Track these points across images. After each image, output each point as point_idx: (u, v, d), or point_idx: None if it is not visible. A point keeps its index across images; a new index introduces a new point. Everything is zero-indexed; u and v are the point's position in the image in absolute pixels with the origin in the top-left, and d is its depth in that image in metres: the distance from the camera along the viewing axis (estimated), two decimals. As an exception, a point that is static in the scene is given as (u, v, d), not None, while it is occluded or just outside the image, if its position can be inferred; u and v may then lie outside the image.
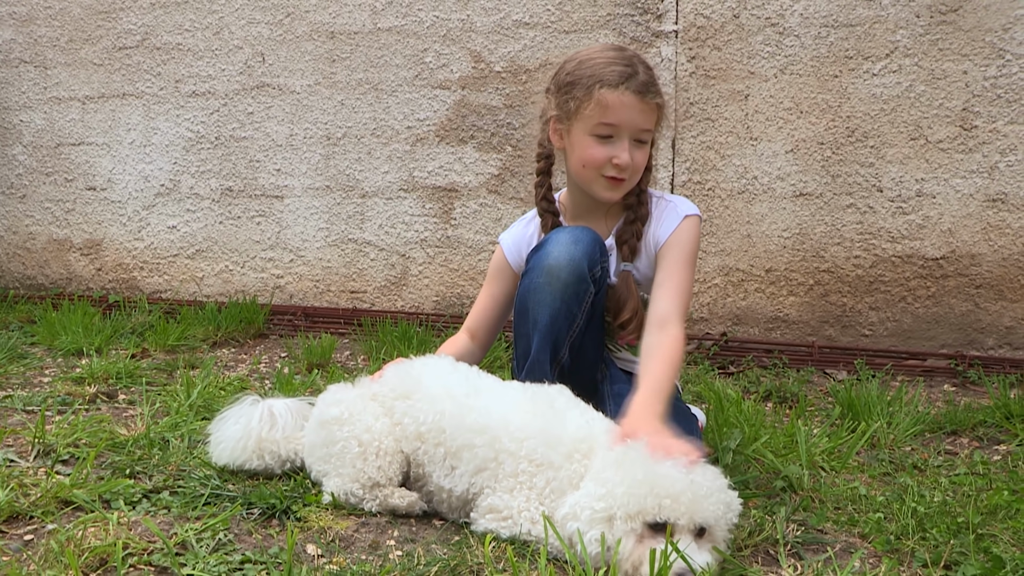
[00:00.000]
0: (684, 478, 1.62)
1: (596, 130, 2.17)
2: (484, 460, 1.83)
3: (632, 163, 2.18)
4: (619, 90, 2.15)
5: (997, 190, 3.56)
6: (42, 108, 4.85)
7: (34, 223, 4.95)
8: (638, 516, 1.60)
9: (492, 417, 1.87)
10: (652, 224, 2.27)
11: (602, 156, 2.18)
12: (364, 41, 4.27)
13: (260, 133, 4.49)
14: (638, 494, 1.61)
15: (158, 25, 4.59)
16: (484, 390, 1.98)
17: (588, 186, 2.25)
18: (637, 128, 2.18)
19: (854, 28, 3.65)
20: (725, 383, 3.28)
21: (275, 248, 4.53)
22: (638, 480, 1.62)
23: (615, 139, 2.17)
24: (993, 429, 2.77)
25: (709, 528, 1.62)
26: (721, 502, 1.63)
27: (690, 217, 2.25)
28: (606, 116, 2.16)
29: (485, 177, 4.17)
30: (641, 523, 1.60)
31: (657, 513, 1.59)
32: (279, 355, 3.86)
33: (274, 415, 2.22)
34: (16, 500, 1.85)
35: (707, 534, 1.63)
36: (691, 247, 2.23)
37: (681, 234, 2.23)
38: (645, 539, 1.60)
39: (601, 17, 3.93)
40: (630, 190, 2.30)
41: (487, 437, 1.84)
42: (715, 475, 1.67)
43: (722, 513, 1.63)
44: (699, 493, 1.61)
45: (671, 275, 2.19)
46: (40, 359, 3.54)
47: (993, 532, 1.82)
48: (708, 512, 1.61)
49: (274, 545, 1.73)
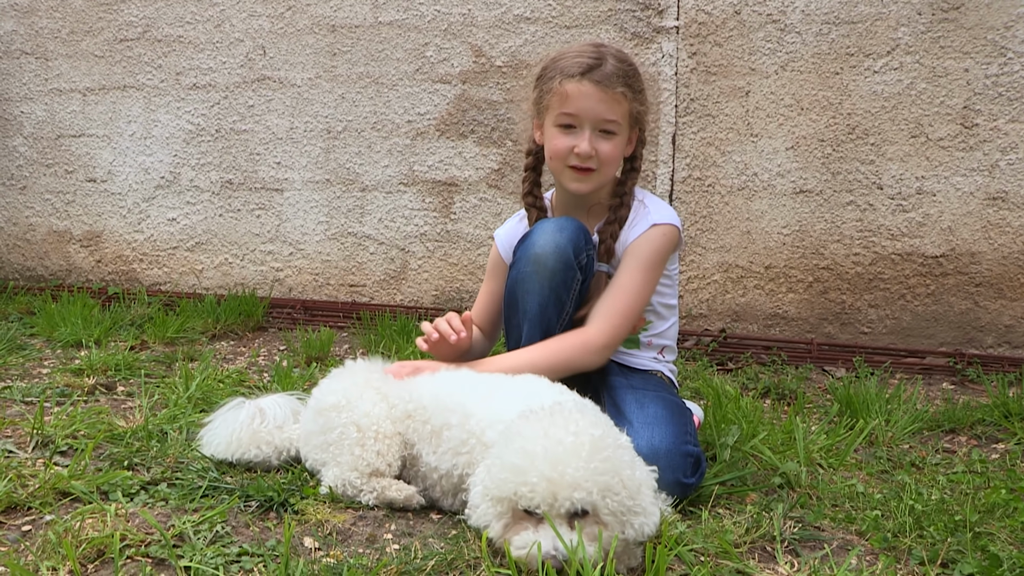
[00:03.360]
0: (554, 468, 1.52)
1: (559, 120, 2.22)
2: (460, 442, 1.85)
3: (597, 153, 2.19)
4: (578, 80, 2.18)
5: (997, 188, 3.55)
6: (43, 99, 4.85)
7: (34, 214, 4.95)
8: (506, 501, 1.57)
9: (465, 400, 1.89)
10: (626, 227, 2.27)
11: (564, 146, 2.21)
12: (365, 35, 4.27)
13: (260, 126, 4.48)
14: (504, 479, 1.56)
15: (159, 17, 4.58)
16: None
17: (559, 178, 2.29)
18: (598, 118, 2.19)
19: (855, 25, 3.64)
20: (723, 379, 3.28)
21: (275, 241, 4.53)
22: (506, 463, 1.57)
23: (577, 129, 2.20)
24: (991, 427, 2.77)
25: (596, 509, 1.54)
26: (597, 483, 1.53)
27: (658, 226, 2.24)
28: (566, 106, 2.19)
29: (485, 172, 4.17)
30: (510, 507, 1.57)
31: (520, 500, 1.54)
32: (278, 348, 3.86)
33: (263, 411, 2.23)
34: (14, 491, 1.85)
35: (591, 515, 1.54)
36: (650, 256, 2.21)
37: (643, 242, 2.23)
38: (517, 523, 1.57)
39: (602, 12, 3.92)
40: (614, 189, 2.31)
41: (459, 416, 1.86)
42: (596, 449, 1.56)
43: (600, 495, 1.53)
44: (569, 476, 1.51)
45: (616, 282, 2.21)
46: (39, 350, 3.54)
47: (990, 530, 1.82)
48: (579, 500, 1.52)
49: (271, 538, 1.73)
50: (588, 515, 1.55)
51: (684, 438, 2.00)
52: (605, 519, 1.55)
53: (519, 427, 1.63)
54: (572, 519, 1.55)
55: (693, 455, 1.98)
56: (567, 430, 1.58)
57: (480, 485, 1.64)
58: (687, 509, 1.96)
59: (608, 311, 2.16)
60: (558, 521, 1.53)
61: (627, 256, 2.22)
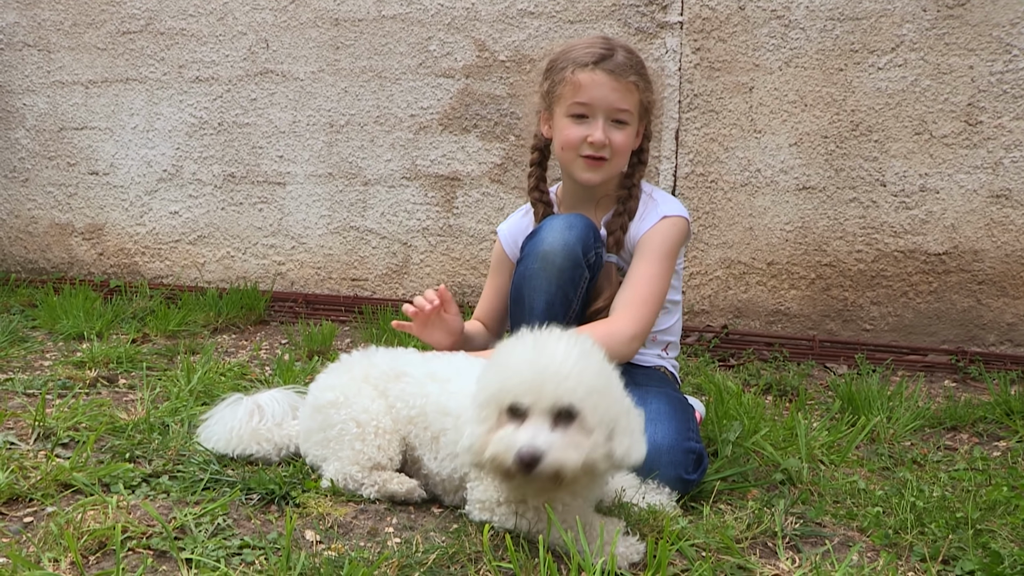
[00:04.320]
0: (539, 360, 1.53)
1: (571, 110, 2.22)
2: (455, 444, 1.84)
3: (610, 143, 2.19)
4: (591, 70, 2.18)
5: (1001, 186, 3.55)
6: (45, 92, 4.84)
7: (36, 207, 4.95)
8: (491, 403, 1.57)
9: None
10: (636, 220, 2.27)
11: (577, 136, 2.21)
12: (368, 28, 4.26)
13: (263, 119, 4.48)
14: (490, 381, 1.58)
15: (162, 10, 4.57)
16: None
17: (570, 169, 2.28)
18: (611, 107, 2.19)
19: (860, 21, 3.63)
20: (725, 375, 3.28)
21: (277, 235, 4.53)
22: (492, 368, 1.59)
23: (590, 119, 2.20)
24: (993, 425, 2.77)
25: (579, 412, 1.53)
26: (583, 382, 1.52)
27: (669, 218, 2.24)
28: (578, 95, 2.19)
29: (488, 166, 4.16)
30: (496, 410, 1.56)
31: (506, 398, 1.54)
32: (279, 342, 3.86)
33: (262, 407, 2.23)
34: (16, 483, 1.85)
35: (578, 419, 1.53)
36: (664, 246, 2.22)
37: (655, 234, 2.23)
38: (501, 428, 1.55)
39: (606, 7, 3.91)
40: (621, 181, 2.31)
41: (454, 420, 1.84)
42: (584, 355, 1.57)
43: (585, 393, 1.52)
44: (553, 374, 1.51)
45: (635, 272, 2.20)
46: (41, 343, 3.54)
47: (992, 528, 1.82)
48: (570, 390, 1.51)
49: (273, 531, 1.73)
50: (574, 421, 1.53)
51: (686, 434, 1.99)
52: (591, 425, 1.53)
53: (510, 342, 1.64)
54: (557, 420, 1.53)
55: (695, 451, 1.98)
56: (558, 341, 1.59)
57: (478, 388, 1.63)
58: (689, 505, 1.96)
59: (632, 301, 2.14)
60: (542, 418, 1.51)
61: (642, 247, 2.22)
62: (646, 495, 1.89)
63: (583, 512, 1.68)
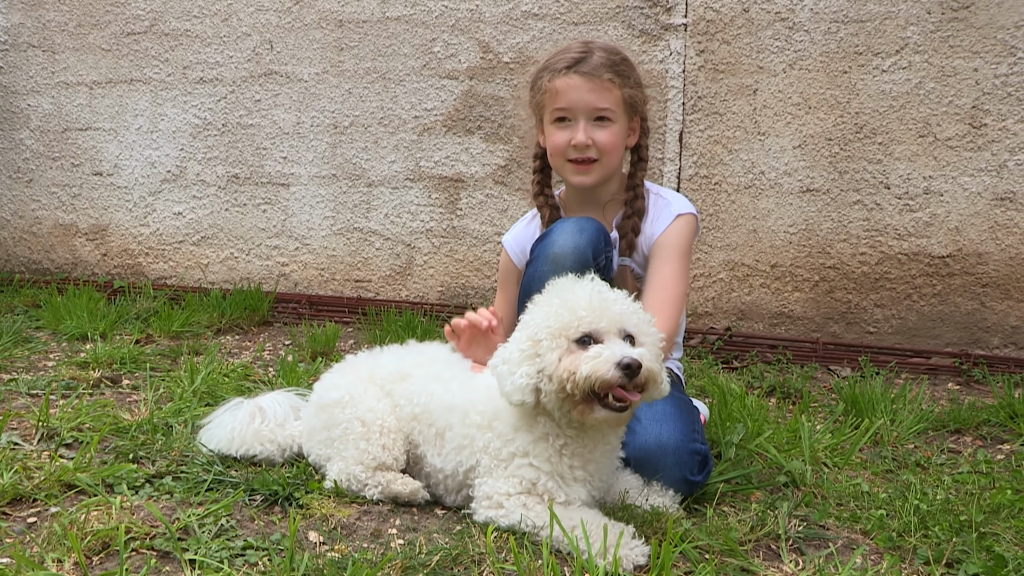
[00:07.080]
0: (603, 295, 1.72)
1: (554, 116, 2.25)
2: (461, 437, 1.87)
3: (595, 142, 2.21)
4: (565, 74, 2.21)
5: (1005, 189, 3.54)
6: (50, 93, 4.85)
7: (40, 207, 4.96)
8: (561, 334, 1.68)
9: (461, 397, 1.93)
10: (647, 220, 2.27)
11: (562, 140, 2.24)
12: (372, 30, 4.27)
13: (267, 120, 4.48)
14: (557, 314, 1.69)
15: (166, 11, 4.58)
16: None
17: (562, 174, 2.31)
18: (590, 107, 2.21)
19: (864, 24, 3.63)
20: (729, 378, 3.28)
21: (280, 236, 4.53)
22: (555, 304, 1.72)
23: (572, 122, 2.23)
24: (997, 428, 2.77)
25: (636, 336, 1.71)
26: (637, 316, 1.73)
27: (683, 216, 2.26)
28: (557, 101, 2.22)
29: (492, 168, 4.16)
30: (566, 340, 1.68)
31: (578, 327, 1.68)
32: (283, 343, 3.86)
33: (263, 409, 2.23)
34: (20, 483, 1.86)
35: (636, 343, 1.71)
36: (682, 246, 2.24)
37: (672, 233, 2.24)
38: (572, 353, 1.67)
39: (610, 9, 3.91)
40: (625, 182, 2.31)
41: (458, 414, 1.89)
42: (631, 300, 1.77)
43: (644, 321, 1.73)
44: (616, 305, 1.71)
45: (658, 274, 2.21)
46: (45, 343, 3.55)
47: (995, 531, 1.82)
48: (627, 319, 1.70)
49: (276, 532, 1.73)
50: (635, 344, 1.70)
51: (692, 436, 1.99)
52: (648, 344, 1.72)
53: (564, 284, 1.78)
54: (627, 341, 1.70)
55: (700, 453, 1.98)
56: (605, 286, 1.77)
57: (519, 349, 1.73)
58: (692, 507, 1.96)
59: (658, 303, 2.14)
60: (618, 339, 1.68)
61: (660, 249, 2.23)
62: (649, 497, 1.89)
63: (611, 475, 1.87)
